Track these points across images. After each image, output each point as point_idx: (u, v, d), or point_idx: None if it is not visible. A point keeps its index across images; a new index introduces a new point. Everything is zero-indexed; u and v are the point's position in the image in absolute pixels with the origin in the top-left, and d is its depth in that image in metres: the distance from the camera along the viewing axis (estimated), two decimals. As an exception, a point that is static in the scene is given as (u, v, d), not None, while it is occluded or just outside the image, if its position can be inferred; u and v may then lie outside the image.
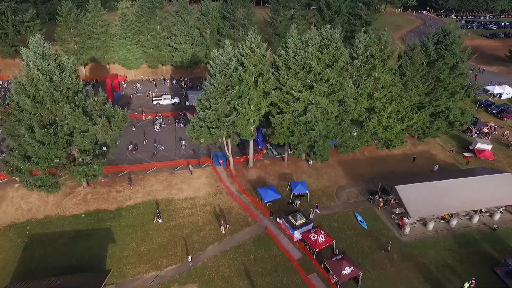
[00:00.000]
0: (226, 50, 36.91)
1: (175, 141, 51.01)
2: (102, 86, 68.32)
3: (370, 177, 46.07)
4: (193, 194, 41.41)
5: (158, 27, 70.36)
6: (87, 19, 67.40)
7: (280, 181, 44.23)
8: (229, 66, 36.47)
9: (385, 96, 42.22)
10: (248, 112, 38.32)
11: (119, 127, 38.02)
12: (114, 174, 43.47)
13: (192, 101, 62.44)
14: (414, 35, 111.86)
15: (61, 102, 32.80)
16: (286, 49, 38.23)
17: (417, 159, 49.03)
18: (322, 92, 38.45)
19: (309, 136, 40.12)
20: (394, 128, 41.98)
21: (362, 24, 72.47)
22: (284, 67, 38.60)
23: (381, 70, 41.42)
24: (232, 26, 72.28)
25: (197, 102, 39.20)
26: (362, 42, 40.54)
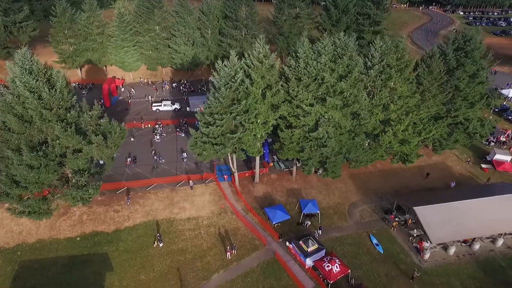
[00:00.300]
0: (231, 61, 33.89)
1: (176, 153, 48.19)
2: (99, 89, 65.68)
3: (384, 193, 43.42)
4: (196, 214, 38.76)
5: (157, 28, 67.06)
6: (83, 20, 64.07)
7: (289, 197, 41.56)
8: (235, 78, 33.52)
9: (402, 108, 39.32)
10: (256, 128, 35.48)
11: (116, 144, 35.24)
12: (111, 192, 40.75)
13: (193, 107, 59.55)
14: (422, 32, 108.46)
15: (51, 121, 29.92)
16: (297, 59, 35.21)
17: (431, 174, 46.22)
18: (335, 106, 35.58)
19: (320, 151, 37.36)
20: (411, 142, 39.15)
21: (370, 24, 69.29)
22: (294, 78, 35.64)
23: (398, 80, 38.44)
24: (234, 26, 68.90)
25: (200, 117, 36.33)
26: (378, 50, 37.50)
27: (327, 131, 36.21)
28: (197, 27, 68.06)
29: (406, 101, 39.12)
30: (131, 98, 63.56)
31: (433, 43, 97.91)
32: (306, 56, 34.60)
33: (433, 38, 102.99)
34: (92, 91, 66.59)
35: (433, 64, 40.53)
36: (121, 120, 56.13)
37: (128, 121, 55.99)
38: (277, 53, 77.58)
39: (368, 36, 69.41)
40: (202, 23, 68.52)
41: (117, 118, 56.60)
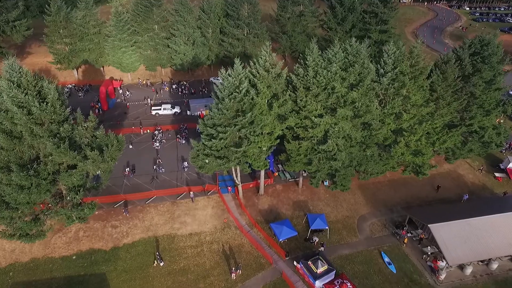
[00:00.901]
0: (236, 70, 31.64)
1: (177, 162, 46.11)
2: (96, 91, 63.32)
3: (394, 204, 41.56)
4: (198, 229, 36.86)
5: (156, 27, 64.46)
6: (78, 19, 61.50)
7: (295, 211, 39.66)
8: (239, 88, 31.32)
9: (415, 117, 37.19)
10: (261, 140, 33.39)
11: (113, 158, 33.16)
12: (108, 205, 38.81)
13: (194, 111, 57.37)
14: (427, 29, 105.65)
15: (43, 136, 27.81)
16: (306, 68, 32.96)
17: (442, 183, 44.26)
18: (345, 116, 33.46)
19: (329, 164, 35.35)
20: (425, 154, 37.09)
21: (377, 22, 66.71)
22: (302, 87, 33.44)
23: (411, 88, 36.25)
24: (236, 25, 66.37)
25: (202, 127, 34.20)
26: (391, 56, 35.22)
27: (337, 143, 34.16)
28: (197, 26, 65.52)
29: (419, 110, 36.97)
30: (127, 101, 61.11)
31: (439, 41, 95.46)
32: (316, 64, 32.35)
33: (439, 36, 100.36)
34: (89, 93, 64.28)
35: (449, 70, 38.32)
36: (120, 125, 54.16)
37: (127, 126, 53.88)
38: (279, 52, 75.24)
39: (375, 36, 66.98)
40: (202, 22, 65.96)
41: (115, 122, 55.62)
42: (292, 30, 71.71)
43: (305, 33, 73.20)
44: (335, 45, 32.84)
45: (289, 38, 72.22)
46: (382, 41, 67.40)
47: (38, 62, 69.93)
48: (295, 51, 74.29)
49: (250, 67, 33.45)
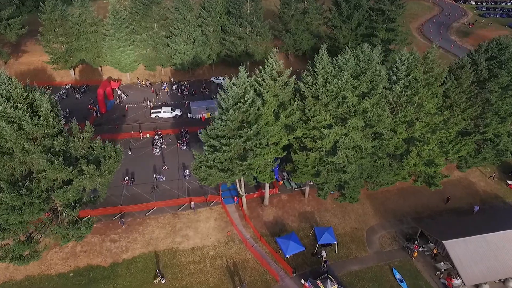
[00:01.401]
0: (241, 78, 29.71)
1: (178, 169, 44.37)
2: (94, 92, 61.27)
3: (403, 214, 40.00)
4: (201, 243, 35.31)
5: (155, 25, 62.20)
6: (74, 17, 59.23)
7: (301, 222, 38.09)
8: (244, 98, 29.45)
9: (428, 125, 35.40)
10: (268, 153, 31.63)
11: (111, 171, 31.46)
12: (107, 217, 37.21)
13: (195, 114, 55.49)
14: (433, 25, 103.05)
15: (36, 152, 26.04)
16: (315, 76, 31.00)
17: (453, 191, 42.65)
18: (356, 127, 31.67)
19: (338, 176, 33.67)
20: (439, 165, 35.38)
21: (384, 20, 64.42)
22: (311, 96, 31.55)
23: (425, 95, 34.36)
24: (238, 23, 64.09)
25: (204, 138, 32.40)
26: (404, 63, 33.24)
27: (347, 155, 32.43)
28: (198, 24, 63.25)
29: (433, 118, 35.14)
30: (122, 103, 59.00)
31: (445, 38, 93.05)
32: (325, 72, 30.41)
33: (446, 32, 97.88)
34: (87, 93, 62.27)
35: (464, 76, 36.40)
36: (118, 129, 52.33)
37: (125, 130, 52.07)
38: (282, 51, 73.03)
39: (381, 34, 64.79)
40: (203, 20, 63.68)
41: (114, 126, 53.72)
42: (296, 27, 69.43)
43: (308, 31, 70.93)
44: (346, 52, 30.82)
45: (292, 36, 69.97)
46: (389, 40, 65.30)
47: (33, 61, 67.79)
48: (298, 49, 72.11)
49: (255, 75, 31.48)
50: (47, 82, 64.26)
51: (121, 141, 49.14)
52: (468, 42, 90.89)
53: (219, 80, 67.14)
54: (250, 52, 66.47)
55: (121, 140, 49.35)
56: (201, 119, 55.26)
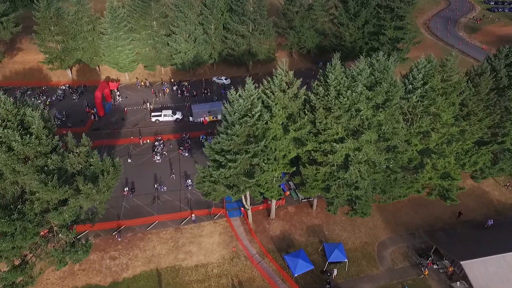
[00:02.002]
0: (247, 90, 27.69)
1: (180, 178, 42.56)
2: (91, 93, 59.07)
3: (415, 227, 38.40)
4: (205, 260, 33.74)
5: (154, 23, 59.70)
6: (70, 15, 56.74)
7: (309, 237, 36.48)
8: (252, 112, 27.48)
9: (444, 136, 33.49)
10: (276, 168, 29.80)
11: (109, 187, 29.69)
12: (106, 232, 35.55)
13: (197, 117, 53.45)
14: (440, 21, 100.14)
15: (28, 173, 24.20)
16: (327, 87, 28.94)
17: (466, 203, 40.90)
18: (370, 140, 29.76)
19: (349, 191, 31.90)
20: (456, 179, 33.56)
21: (392, 18, 61.88)
22: (322, 108, 29.55)
23: (442, 105, 32.35)
24: (241, 21, 61.56)
25: (208, 151, 30.49)
26: (421, 71, 31.12)
27: (360, 170, 30.59)
28: (199, 22, 60.73)
29: (450, 129, 33.20)
30: (116, 105, 56.95)
31: (453, 34, 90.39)
32: (338, 83, 28.36)
33: (453, 28, 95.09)
34: (84, 95, 60.06)
35: (482, 83, 34.36)
36: (117, 134, 50.34)
37: (125, 135, 50.10)
38: (286, 49, 70.64)
39: (390, 32, 62.35)
40: (204, 18, 61.15)
41: (112, 130, 51.65)
42: (300, 25, 66.92)
43: (313, 28, 68.39)
44: (361, 61, 28.70)
45: (296, 34, 67.49)
46: (397, 39, 62.89)
47: (29, 60, 65.45)
48: (302, 47, 69.69)
49: (263, 86, 29.41)
50: (43, 82, 62.13)
51: (120, 147, 47.36)
52: (477, 39, 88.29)
53: (221, 80, 64.94)
54: (253, 51, 64.11)
55: (121, 146, 47.52)
56: (203, 123, 53.28)
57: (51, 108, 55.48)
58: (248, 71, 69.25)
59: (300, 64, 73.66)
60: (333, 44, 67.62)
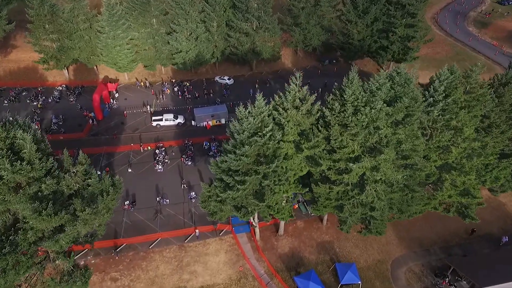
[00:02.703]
0: (258, 107, 25.51)
1: (183, 189, 40.63)
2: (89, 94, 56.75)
3: (430, 243, 36.76)
4: (211, 280, 32.08)
5: (154, 21, 56.92)
6: (65, 12, 53.95)
7: (320, 254, 34.79)
8: (262, 131, 25.37)
9: (465, 151, 31.46)
10: (287, 189, 27.85)
11: (109, 209, 27.79)
12: (107, 250, 33.78)
13: (200, 122, 51.23)
14: (449, 14, 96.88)
15: (20, 202, 22.21)
16: (343, 102, 26.71)
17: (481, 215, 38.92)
18: (388, 159, 27.73)
19: (365, 211, 30.05)
20: (476, 198, 31.69)
21: (403, 15, 59.15)
22: (337, 125, 27.40)
23: (464, 119, 30.22)
24: (245, 18, 58.77)
25: (214, 170, 28.46)
26: (443, 83, 28.86)
27: (376, 190, 28.66)
28: (200, 20, 57.93)
29: (471, 143, 31.15)
30: (111, 109, 54.44)
31: (462, 29, 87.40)
32: (356, 98, 26.14)
33: (462, 22, 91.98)
34: (82, 96, 57.66)
35: (507, 94, 32.17)
36: (117, 140, 48.18)
37: (124, 141, 47.95)
38: (291, 46, 67.91)
39: (400, 31, 59.72)
40: (206, 15, 58.32)
41: (111, 136, 49.35)
42: (306, 22, 64.06)
43: (320, 25, 65.56)
44: (380, 74, 26.42)
45: (302, 31, 64.72)
46: (408, 37, 60.24)
47: (24, 59, 62.76)
48: (308, 45, 66.95)
49: (275, 102, 27.19)
50: (39, 83, 59.61)
51: (120, 155, 45.33)
52: (487, 34, 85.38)
53: (224, 80, 62.46)
54: (257, 50, 61.48)
55: (120, 154, 45.48)
56: (206, 127, 51.11)
57: (47, 111, 53.19)
58: (251, 70, 66.77)
59: (305, 62, 71.06)
60: (340, 42, 64.98)
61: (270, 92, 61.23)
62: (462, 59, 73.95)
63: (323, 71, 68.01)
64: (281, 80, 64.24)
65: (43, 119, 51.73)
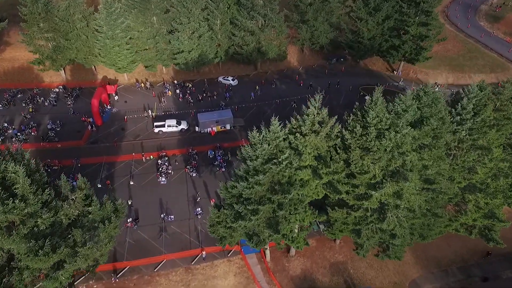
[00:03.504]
0: (273, 131, 23.27)
1: (188, 203, 38.69)
2: (88, 97, 54.32)
3: (448, 263, 35.11)
4: (220, 307, 30.52)
5: (154, 19, 53.96)
6: (61, 11, 51.00)
7: (333, 276, 33.12)
8: (278, 159, 23.20)
9: (491, 171, 29.40)
10: (304, 218, 25.88)
11: (111, 237, 25.91)
12: (108, 274, 32.01)
13: (204, 128, 48.92)
14: (460, 8, 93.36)
15: (14, 242, 20.21)
16: (365, 125, 24.47)
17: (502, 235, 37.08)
18: (413, 186, 25.68)
19: (385, 237, 28.19)
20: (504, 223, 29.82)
21: (416, 13, 56.15)
22: (358, 148, 25.24)
23: (493, 138, 28.06)
24: (250, 16, 55.79)
25: (224, 194, 26.42)
26: (472, 100, 26.58)
27: (398, 216, 26.72)
28: (203, 18, 54.96)
29: (498, 164, 29.06)
30: (105, 114, 51.73)
31: (473, 23, 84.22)
32: (380, 121, 23.90)
33: (473, 16, 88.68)
34: (80, 98, 55.17)
35: (538, 109, 29.87)
36: (117, 148, 45.94)
37: (126, 148, 45.71)
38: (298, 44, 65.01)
39: (413, 30, 56.87)
40: (209, 12, 55.32)
41: (112, 144, 46.12)
42: (314, 18, 61.05)
43: (328, 22, 62.56)
44: (407, 95, 24.08)
45: (309, 29, 61.78)
46: (421, 36, 57.38)
47: (18, 58, 59.97)
48: (315, 43, 64.11)
49: (291, 125, 24.94)
50: (35, 84, 57.02)
51: (121, 165, 43.22)
52: (500, 30, 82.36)
53: (227, 81, 59.86)
54: (263, 50, 58.68)
55: (121, 164, 43.34)
56: (211, 134, 48.86)
57: (43, 116, 50.78)
58: (256, 69, 64.08)
59: (312, 61, 68.28)
60: (349, 41, 62.10)
61: (276, 92, 59.40)
62: (474, 57, 71.13)
63: (330, 70, 65.34)
64: (287, 81, 61.78)
65: (39, 124, 49.34)
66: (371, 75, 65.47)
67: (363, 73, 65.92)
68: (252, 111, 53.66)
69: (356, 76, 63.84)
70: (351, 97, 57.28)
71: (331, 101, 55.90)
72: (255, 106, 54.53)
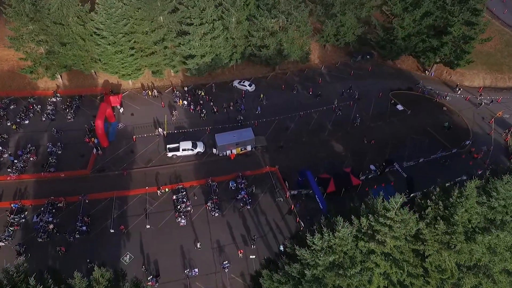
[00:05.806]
0: (341, 239, 18.48)
1: (212, 251, 34.67)
2: (90, 108, 48.58)
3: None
4: None
5: (161, 19, 46.76)
6: (52, 11, 43.73)
7: None
8: (343, 267, 18.69)
9: None
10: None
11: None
12: None
13: (222, 150, 43.88)
14: None
15: None
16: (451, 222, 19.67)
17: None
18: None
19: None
20: None
21: (462, 10, 48.94)
22: (436, 243, 20.62)
23: None
24: (272, 15, 48.55)
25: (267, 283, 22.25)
26: None
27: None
28: (217, 16, 47.75)
29: None
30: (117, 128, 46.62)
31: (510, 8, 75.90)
32: (469, 219, 19.13)
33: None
34: (81, 110, 49.27)
35: None
36: (127, 176, 41.04)
37: (137, 179, 40.79)
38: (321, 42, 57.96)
39: (456, 30, 50.02)
40: (224, 10, 47.99)
41: (121, 171, 40.43)
42: (342, 13, 53.71)
43: (356, 16, 55.24)
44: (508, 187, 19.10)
45: (335, 24, 54.63)
46: (465, 38, 50.59)
47: (7, 58, 53.34)
48: (339, 39, 57.19)
49: (359, 224, 20.10)
50: (28, 92, 50.75)
51: (134, 200, 38.65)
52: (540, 15, 74.21)
53: (244, 87, 53.75)
54: (285, 53, 52.02)
55: (135, 198, 38.78)
56: (230, 157, 43.90)
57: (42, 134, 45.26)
58: (274, 70, 57.64)
59: (334, 58, 61.53)
60: (380, 39, 55.27)
61: (296, 97, 53.46)
62: (514, 53, 64.27)
63: (355, 70, 58.89)
64: (308, 84, 55.58)
65: (38, 145, 43.99)
66: (400, 76, 59.21)
67: (391, 73, 59.63)
68: (274, 126, 48.27)
69: (384, 78, 57.67)
70: (381, 106, 51.83)
71: (360, 111, 50.49)
72: (276, 120, 49.02)
